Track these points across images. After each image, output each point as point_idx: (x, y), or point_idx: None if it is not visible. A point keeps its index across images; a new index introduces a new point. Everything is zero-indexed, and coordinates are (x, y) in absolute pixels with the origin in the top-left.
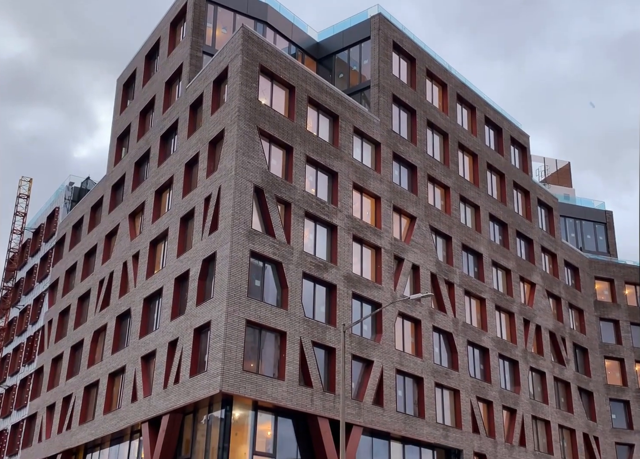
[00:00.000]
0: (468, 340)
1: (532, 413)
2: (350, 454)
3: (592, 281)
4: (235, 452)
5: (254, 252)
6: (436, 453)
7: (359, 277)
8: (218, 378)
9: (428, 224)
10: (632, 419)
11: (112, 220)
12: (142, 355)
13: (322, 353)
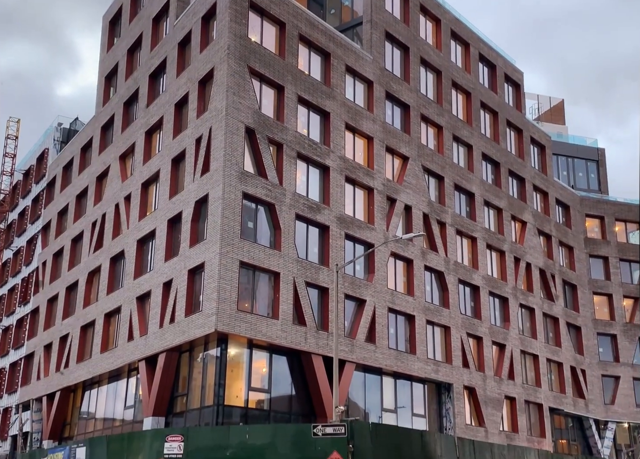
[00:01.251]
0: (459, 278)
1: (521, 347)
2: (343, 389)
3: (582, 219)
4: (231, 388)
5: (247, 194)
6: (427, 387)
7: (352, 218)
8: (213, 317)
9: (421, 164)
10: (618, 353)
11: (103, 161)
12: (137, 295)
13: (315, 293)
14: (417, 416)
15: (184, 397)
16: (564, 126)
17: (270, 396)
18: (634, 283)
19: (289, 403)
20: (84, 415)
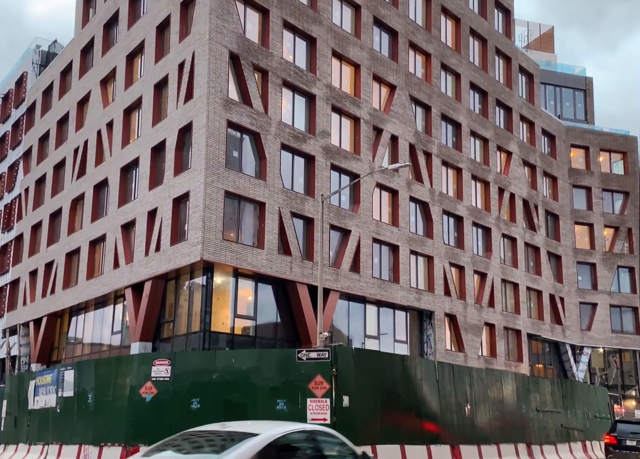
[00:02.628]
0: (443, 209)
1: (502, 276)
2: (327, 317)
3: (567, 149)
4: (218, 315)
5: (231, 122)
6: (409, 315)
7: (338, 148)
8: (199, 246)
9: (408, 93)
10: (597, 281)
11: (83, 86)
12: (122, 223)
13: (300, 223)
14: (399, 342)
15: (171, 323)
16: (552, 54)
17: (256, 323)
18: (616, 213)
19: (274, 329)
20: (72, 340)
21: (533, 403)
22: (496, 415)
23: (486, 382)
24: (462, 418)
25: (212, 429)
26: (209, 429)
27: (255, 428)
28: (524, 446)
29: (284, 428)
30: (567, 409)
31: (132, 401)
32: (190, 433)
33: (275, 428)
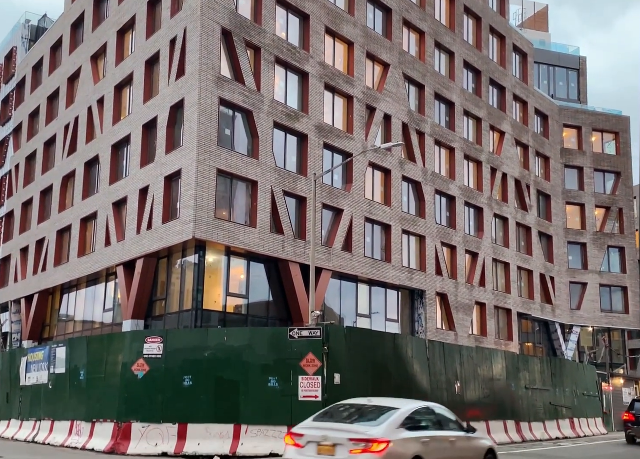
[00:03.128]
0: (436, 189)
1: (493, 255)
2: (319, 295)
3: (560, 129)
4: (210, 293)
5: (223, 99)
6: (400, 294)
7: (331, 127)
8: (190, 224)
9: (401, 72)
10: (587, 260)
11: (74, 62)
12: (113, 201)
13: (293, 202)
14: (390, 320)
15: (163, 301)
16: (546, 33)
17: (248, 301)
18: (607, 193)
19: (266, 308)
20: (63, 317)
21: (522, 381)
22: (485, 393)
23: (476, 360)
24: (452, 396)
25: (360, 403)
26: (358, 403)
27: (394, 403)
28: (513, 423)
29: (414, 404)
30: (555, 387)
31: (124, 378)
32: (342, 405)
33: (409, 404)
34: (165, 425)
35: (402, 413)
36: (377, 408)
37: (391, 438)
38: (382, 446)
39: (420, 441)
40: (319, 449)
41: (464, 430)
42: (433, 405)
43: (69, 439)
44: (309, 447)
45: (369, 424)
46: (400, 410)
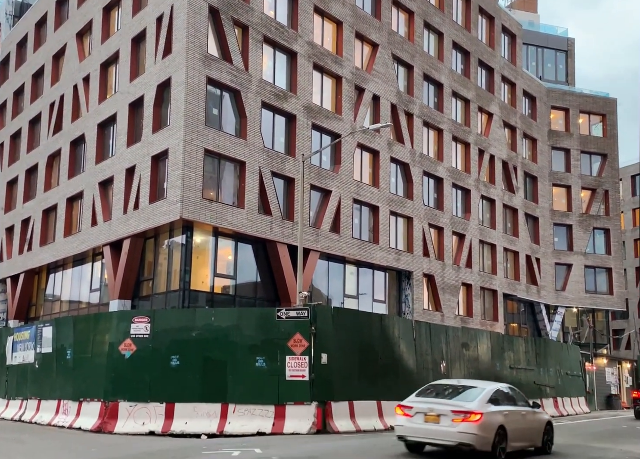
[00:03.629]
0: (424, 170)
1: (480, 237)
2: (307, 276)
3: (548, 111)
4: (197, 274)
5: (211, 79)
6: (388, 275)
7: (319, 107)
8: (178, 205)
9: (390, 52)
10: (572, 242)
11: (59, 39)
12: (100, 180)
13: (281, 183)
14: (377, 301)
15: (150, 282)
16: (535, 14)
17: (236, 282)
18: (593, 175)
19: (254, 289)
20: (50, 297)
21: (507, 361)
22: (471, 372)
23: (462, 340)
24: (437, 375)
25: (451, 383)
26: (450, 383)
27: (478, 383)
28: None
29: (495, 385)
30: (539, 367)
31: (111, 358)
32: (437, 385)
33: (491, 384)
34: (153, 404)
35: (489, 392)
36: (467, 387)
37: (483, 410)
38: (477, 416)
39: (502, 414)
40: (425, 418)
41: (530, 406)
42: (507, 386)
43: (56, 418)
44: (417, 417)
45: (464, 400)
46: (486, 389)
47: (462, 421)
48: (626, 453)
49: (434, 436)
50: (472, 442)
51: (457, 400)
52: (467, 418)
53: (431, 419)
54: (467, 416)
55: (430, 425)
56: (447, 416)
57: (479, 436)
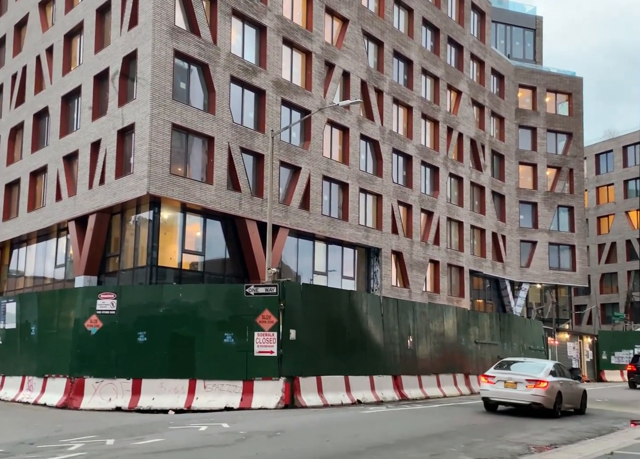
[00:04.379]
0: (393, 148)
1: (448, 215)
2: (276, 253)
3: (515, 89)
4: (165, 250)
5: (178, 52)
6: (357, 252)
7: (289, 83)
8: (145, 180)
9: (361, 28)
10: (537, 220)
11: (21, 8)
12: (64, 154)
13: (250, 159)
14: (346, 278)
15: (116, 258)
16: None
17: (204, 258)
18: (559, 154)
19: (222, 265)
20: (13, 273)
21: (472, 336)
22: (437, 347)
23: (428, 316)
24: (404, 350)
25: (520, 360)
26: (517, 360)
27: (539, 360)
28: (462, 376)
29: (552, 362)
30: (503, 342)
31: (77, 334)
32: (508, 361)
33: (549, 361)
34: (119, 380)
35: (549, 366)
36: (533, 362)
37: (548, 380)
38: (545, 384)
39: (559, 383)
40: (505, 385)
41: (573, 378)
42: (557, 362)
43: (21, 394)
44: (498, 384)
45: (533, 372)
46: (547, 364)
47: (534, 387)
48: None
49: (512, 398)
50: (542, 402)
51: (528, 372)
52: (537, 384)
53: (510, 385)
54: (537, 384)
55: (509, 390)
56: (522, 384)
57: (546, 398)
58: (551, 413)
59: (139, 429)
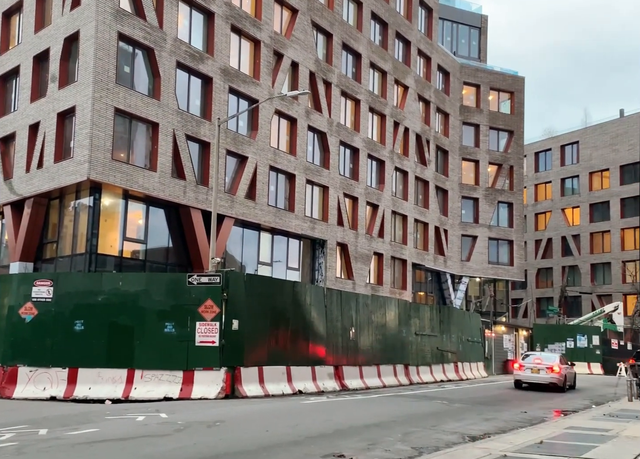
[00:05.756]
0: (340, 140)
1: (393, 208)
2: (221, 243)
3: (460, 86)
4: (105, 238)
5: (123, 35)
6: (302, 243)
7: (237, 71)
8: (85, 165)
9: (310, 19)
10: (478, 215)
11: None
12: (0, 136)
13: (196, 146)
14: (291, 269)
15: (54, 244)
16: None
17: (146, 247)
18: (500, 151)
19: (165, 254)
20: None
21: (413, 328)
22: (378, 339)
23: (371, 308)
24: (346, 341)
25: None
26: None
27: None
28: (402, 367)
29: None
30: (443, 334)
31: (11, 322)
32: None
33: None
34: (55, 369)
35: (559, 356)
36: (547, 354)
37: (560, 366)
38: (558, 369)
39: (564, 368)
40: (532, 371)
41: (569, 365)
42: (562, 353)
43: None
44: (526, 370)
45: (549, 362)
46: (557, 355)
47: (551, 372)
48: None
49: (537, 380)
50: (556, 382)
51: (546, 362)
52: (553, 370)
53: (535, 371)
54: (553, 369)
55: (534, 374)
56: (543, 370)
57: (559, 379)
58: (561, 389)
59: (74, 419)
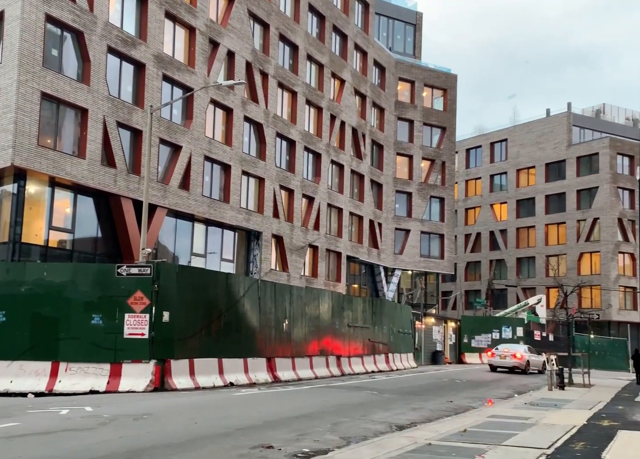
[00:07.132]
0: (277, 132)
1: (328, 201)
2: (152, 233)
3: (395, 82)
4: (30, 226)
5: (51, 17)
6: (237, 234)
7: (171, 58)
8: (9, 150)
9: (246, 8)
10: (412, 209)
11: None
12: None
13: (127, 134)
14: (225, 261)
15: None
16: None
17: (74, 236)
18: (433, 147)
19: (94, 244)
20: None
21: (346, 319)
22: (312, 330)
23: (305, 300)
24: (279, 333)
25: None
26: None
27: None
28: (334, 358)
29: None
30: (375, 325)
31: None
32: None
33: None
34: None
35: (526, 347)
36: (514, 345)
37: (524, 354)
38: (520, 356)
39: (529, 356)
40: (500, 357)
41: (537, 354)
42: (528, 346)
43: None
44: (497, 356)
45: (514, 350)
46: (524, 346)
47: (514, 358)
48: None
49: (503, 364)
50: (518, 365)
51: (512, 350)
52: (516, 357)
53: (502, 357)
54: (517, 357)
55: (502, 360)
56: (509, 356)
57: (520, 363)
58: (524, 372)
59: None
